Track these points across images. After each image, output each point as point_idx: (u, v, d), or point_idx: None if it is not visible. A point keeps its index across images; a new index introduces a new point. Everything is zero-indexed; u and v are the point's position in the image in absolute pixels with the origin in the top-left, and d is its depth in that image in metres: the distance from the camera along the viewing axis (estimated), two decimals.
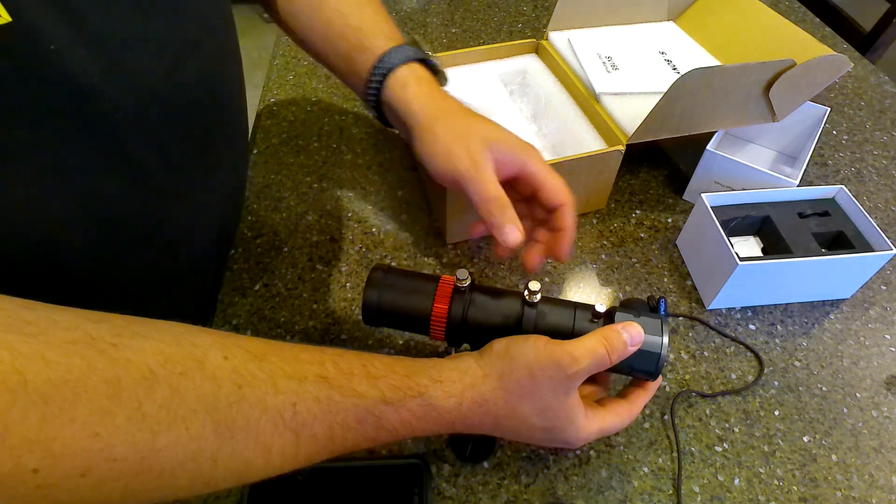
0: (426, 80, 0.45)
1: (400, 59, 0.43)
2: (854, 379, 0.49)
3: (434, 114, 0.42)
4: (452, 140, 0.41)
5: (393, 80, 0.43)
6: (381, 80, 0.44)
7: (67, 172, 0.33)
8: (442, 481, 0.42)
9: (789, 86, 0.55)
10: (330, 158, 0.66)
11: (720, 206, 0.54)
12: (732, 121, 0.57)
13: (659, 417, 0.46)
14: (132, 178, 0.37)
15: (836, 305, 0.54)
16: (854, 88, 0.80)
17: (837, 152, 0.70)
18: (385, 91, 0.44)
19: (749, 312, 0.53)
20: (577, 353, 0.33)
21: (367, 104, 0.46)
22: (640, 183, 0.65)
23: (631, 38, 0.71)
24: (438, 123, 0.42)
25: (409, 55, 0.44)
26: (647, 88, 0.61)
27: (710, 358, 0.50)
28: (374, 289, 0.39)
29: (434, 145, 0.41)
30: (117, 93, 0.33)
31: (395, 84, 0.43)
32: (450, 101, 0.44)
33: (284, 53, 0.82)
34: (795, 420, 0.46)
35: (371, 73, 0.44)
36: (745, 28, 0.67)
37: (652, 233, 0.60)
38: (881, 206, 0.64)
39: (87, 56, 0.31)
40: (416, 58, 0.44)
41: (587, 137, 0.59)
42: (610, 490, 0.42)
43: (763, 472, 0.43)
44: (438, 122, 0.42)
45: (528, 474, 0.42)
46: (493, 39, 0.85)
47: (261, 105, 0.73)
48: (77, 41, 0.30)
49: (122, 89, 0.34)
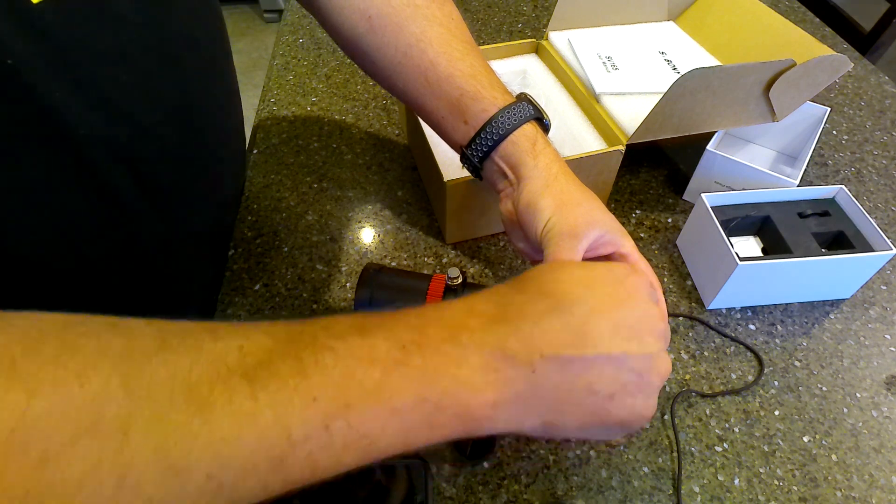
0: (548, 141, 0.43)
1: (528, 114, 0.42)
2: (854, 379, 0.49)
3: (556, 174, 0.41)
4: (566, 203, 0.39)
5: (520, 134, 0.42)
6: (509, 131, 0.41)
7: (31, 188, 0.33)
8: (442, 481, 0.42)
9: (789, 86, 0.55)
10: (330, 158, 0.66)
11: (720, 206, 0.54)
12: (732, 121, 0.57)
13: (659, 417, 0.46)
14: (101, 196, 0.36)
15: (836, 305, 0.54)
16: (854, 88, 0.80)
17: (837, 152, 0.70)
18: (506, 143, 0.42)
19: (749, 312, 0.53)
20: None
21: (470, 148, 0.43)
22: (640, 183, 0.65)
23: (631, 38, 0.71)
24: (557, 182, 0.40)
25: (533, 113, 0.42)
26: (647, 88, 0.61)
27: (710, 358, 0.50)
28: (366, 287, 0.39)
29: (545, 199, 0.39)
30: (82, 108, 0.32)
31: (523, 138, 0.41)
32: (569, 170, 0.43)
33: (284, 53, 0.82)
34: (795, 420, 0.46)
35: (493, 121, 0.41)
36: (745, 28, 0.67)
37: (652, 233, 0.60)
38: (881, 206, 0.64)
39: (47, 70, 0.30)
40: (537, 116, 0.43)
41: (587, 137, 0.59)
42: (610, 490, 0.42)
43: (763, 472, 0.43)
44: (558, 181, 0.40)
45: (528, 474, 0.42)
46: (493, 39, 0.85)
47: (261, 105, 0.73)
48: (37, 54, 0.29)
49: (89, 105, 0.33)
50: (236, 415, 0.21)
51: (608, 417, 0.28)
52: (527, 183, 0.40)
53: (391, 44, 0.44)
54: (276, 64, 0.80)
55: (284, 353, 0.23)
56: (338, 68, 0.79)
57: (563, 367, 0.26)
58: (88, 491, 0.18)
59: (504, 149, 0.42)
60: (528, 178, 0.40)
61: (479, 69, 0.43)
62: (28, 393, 0.18)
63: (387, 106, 0.73)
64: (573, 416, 0.27)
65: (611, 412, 0.28)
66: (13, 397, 0.18)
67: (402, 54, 0.44)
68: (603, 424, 0.28)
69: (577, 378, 0.26)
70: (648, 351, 0.28)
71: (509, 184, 0.42)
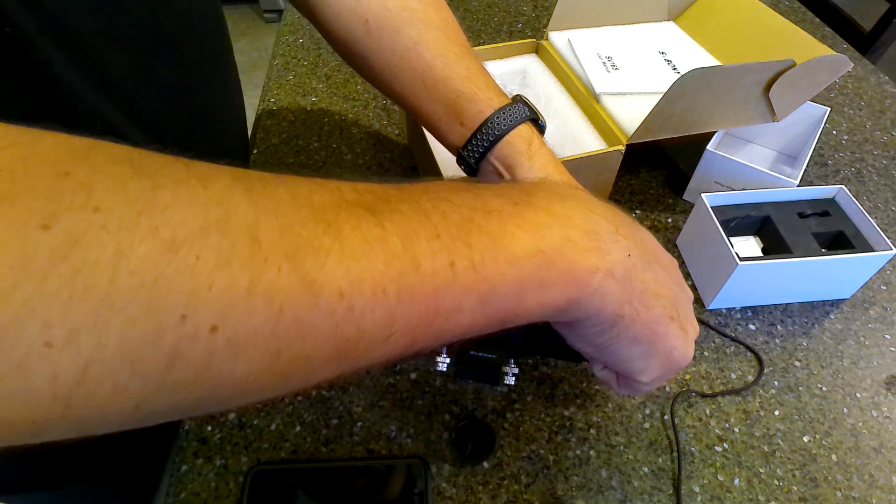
0: (544, 142, 0.44)
1: (523, 115, 0.43)
2: (854, 379, 0.49)
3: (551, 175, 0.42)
4: None
5: (516, 135, 0.42)
6: (505, 131, 0.42)
7: None
8: (442, 481, 0.42)
9: (789, 86, 0.55)
10: (330, 158, 0.66)
11: (720, 206, 0.54)
12: (732, 121, 0.57)
13: (659, 417, 0.46)
14: None
15: (836, 305, 0.54)
16: (854, 88, 0.80)
17: (837, 152, 0.70)
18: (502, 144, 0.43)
19: (749, 312, 0.53)
20: None
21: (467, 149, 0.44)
22: (640, 183, 0.65)
23: (631, 38, 0.71)
24: None
25: (528, 114, 0.43)
26: (647, 88, 0.61)
27: (710, 358, 0.50)
28: None
29: None
30: (81, 85, 0.33)
31: (518, 139, 0.42)
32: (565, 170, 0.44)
33: (284, 53, 0.82)
34: (795, 420, 0.46)
35: (489, 122, 0.42)
36: (745, 28, 0.67)
37: (652, 232, 0.59)
38: (881, 206, 0.64)
39: (46, 43, 0.30)
40: (532, 118, 0.44)
41: (587, 137, 0.59)
42: (610, 490, 0.42)
43: (763, 472, 0.43)
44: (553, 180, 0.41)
45: (528, 474, 0.42)
46: (493, 39, 0.85)
47: (261, 105, 0.73)
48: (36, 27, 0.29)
49: (87, 83, 0.33)
50: (366, 237, 0.20)
51: (664, 338, 0.30)
52: None
53: (388, 47, 0.44)
54: (276, 64, 0.80)
55: (400, 198, 0.23)
56: (338, 68, 0.79)
57: (646, 267, 0.28)
58: (220, 288, 0.17)
59: (500, 150, 0.42)
60: (524, 178, 0.41)
61: (475, 72, 0.44)
62: (153, 184, 0.17)
63: (387, 106, 0.73)
64: (646, 315, 0.28)
65: (667, 333, 0.29)
66: (137, 185, 0.16)
67: (399, 57, 0.44)
68: (657, 346, 0.30)
69: (654, 283, 0.29)
70: (690, 307, 0.32)
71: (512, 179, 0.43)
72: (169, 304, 0.16)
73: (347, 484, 0.41)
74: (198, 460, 0.43)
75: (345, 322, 0.20)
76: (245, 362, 0.18)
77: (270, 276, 0.18)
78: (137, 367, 0.16)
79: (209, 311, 0.17)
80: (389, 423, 0.45)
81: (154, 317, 0.16)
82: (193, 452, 0.43)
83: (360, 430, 0.44)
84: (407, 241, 0.21)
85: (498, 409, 0.46)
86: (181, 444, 0.44)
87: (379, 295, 0.20)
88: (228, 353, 0.17)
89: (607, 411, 0.46)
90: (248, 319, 0.17)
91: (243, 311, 0.17)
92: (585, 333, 0.29)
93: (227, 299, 0.17)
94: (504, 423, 0.45)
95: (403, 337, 0.21)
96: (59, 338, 0.15)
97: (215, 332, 0.17)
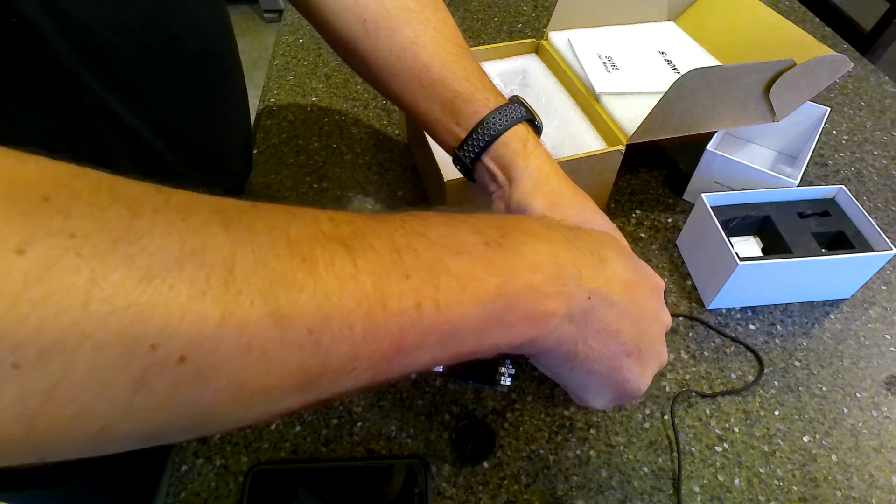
0: (540, 142, 0.44)
1: (519, 115, 0.43)
2: (854, 379, 0.49)
3: (547, 175, 0.42)
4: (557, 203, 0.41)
5: (512, 135, 0.42)
6: (500, 131, 0.42)
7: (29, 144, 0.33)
8: (442, 481, 0.42)
9: (789, 86, 0.55)
10: (330, 158, 0.66)
11: (720, 206, 0.54)
12: (732, 121, 0.57)
13: (659, 417, 0.46)
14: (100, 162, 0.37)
15: (836, 305, 0.54)
16: (854, 88, 0.80)
17: (837, 152, 0.70)
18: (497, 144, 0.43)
19: (749, 312, 0.53)
20: None
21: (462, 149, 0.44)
22: (640, 183, 0.65)
23: (631, 38, 0.71)
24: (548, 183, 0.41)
25: (524, 114, 0.43)
26: (647, 88, 0.61)
27: (710, 358, 0.50)
28: None
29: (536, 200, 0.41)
30: (87, 76, 0.33)
31: (514, 139, 0.42)
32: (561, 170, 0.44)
33: (284, 53, 0.82)
34: (795, 420, 0.46)
35: (484, 122, 0.42)
36: (745, 28, 0.67)
37: (652, 233, 0.60)
38: (881, 206, 0.64)
39: (51, 33, 0.30)
40: (528, 118, 0.44)
41: (587, 137, 0.59)
42: (610, 490, 0.42)
43: (763, 472, 0.43)
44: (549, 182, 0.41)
45: (528, 474, 0.42)
46: (493, 39, 0.85)
47: (261, 105, 0.73)
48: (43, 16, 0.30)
49: (93, 74, 0.33)
50: (338, 275, 0.20)
51: (618, 372, 0.31)
52: (518, 184, 0.41)
53: (385, 47, 0.44)
54: (276, 64, 0.80)
55: (377, 231, 0.23)
56: (338, 68, 0.79)
57: (609, 306, 0.29)
58: (192, 319, 0.17)
59: (495, 150, 0.42)
60: (520, 179, 0.41)
61: (472, 72, 0.44)
62: (131, 213, 0.17)
63: (387, 106, 0.73)
64: (601, 352, 0.29)
65: (621, 367, 0.30)
66: (115, 212, 0.17)
67: (397, 57, 0.44)
68: (609, 378, 0.31)
69: (614, 322, 0.29)
70: (660, 338, 0.32)
71: (501, 185, 0.43)
72: (140, 332, 0.16)
73: (347, 484, 0.41)
74: (198, 460, 0.43)
75: (311, 356, 0.20)
76: (211, 392, 0.18)
77: (243, 309, 0.18)
78: (104, 391, 0.16)
79: (179, 341, 0.17)
80: (389, 423, 0.45)
81: (124, 344, 0.16)
82: (193, 452, 0.43)
83: (360, 430, 0.44)
84: (377, 280, 0.21)
85: (498, 409, 0.46)
86: (181, 444, 0.44)
87: (346, 331, 0.21)
88: (195, 383, 0.18)
89: (607, 411, 0.46)
90: (217, 351, 0.18)
91: (213, 342, 0.18)
92: (542, 363, 0.31)
93: (198, 331, 0.17)
94: (504, 424, 0.45)
95: (366, 372, 0.22)
96: (28, 359, 0.15)
97: (183, 361, 0.17)
